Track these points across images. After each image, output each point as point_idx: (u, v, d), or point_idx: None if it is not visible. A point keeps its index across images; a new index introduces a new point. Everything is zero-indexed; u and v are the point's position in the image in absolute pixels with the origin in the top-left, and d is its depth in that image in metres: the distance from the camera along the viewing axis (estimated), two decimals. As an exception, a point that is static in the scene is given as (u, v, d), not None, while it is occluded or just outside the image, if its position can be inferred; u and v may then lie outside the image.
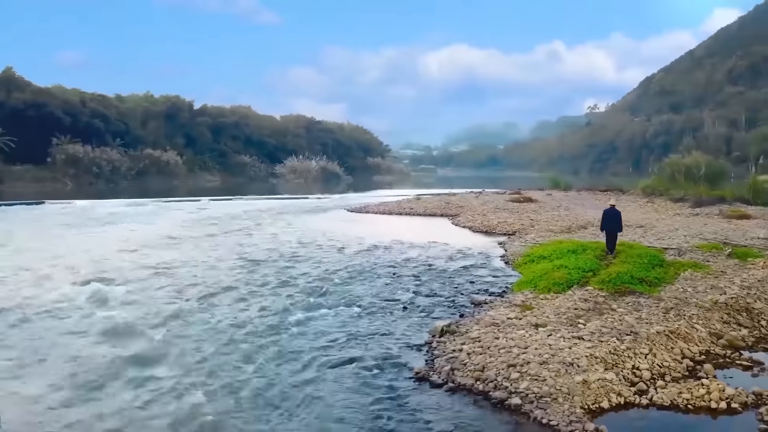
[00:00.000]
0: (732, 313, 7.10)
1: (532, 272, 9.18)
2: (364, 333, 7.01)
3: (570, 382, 4.97)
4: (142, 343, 6.62)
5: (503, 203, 22.30)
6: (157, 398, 5.22)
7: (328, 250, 12.98)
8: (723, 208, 18.12)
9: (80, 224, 18.10)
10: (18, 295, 8.64)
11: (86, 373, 5.75)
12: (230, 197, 31.59)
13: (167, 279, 9.82)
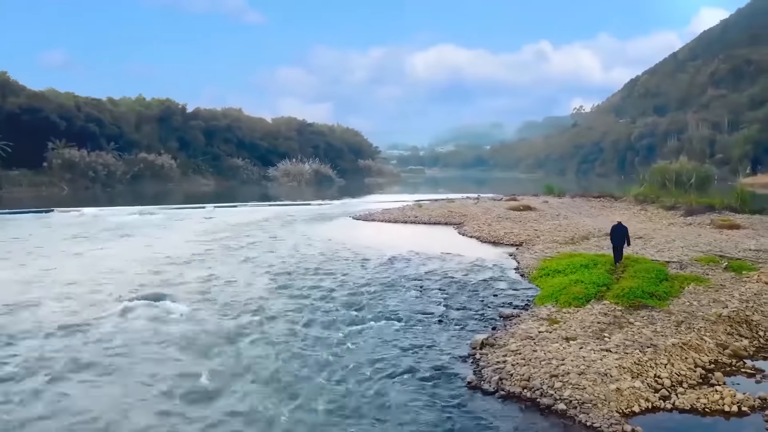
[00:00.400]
0: (734, 325, 8.05)
1: (551, 286, 10.08)
2: (410, 346, 7.87)
3: (606, 390, 5.88)
4: (216, 359, 7.42)
5: (504, 212, 23.19)
6: (244, 409, 6.04)
7: (351, 262, 13.80)
8: (714, 218, 19.17)
9: (99, 237, 18.76)
10: (83, 313, 9.40)
11: (173, 386, 6.56)
12: (233, 204, 32.24)
13: (211, 296, 10.59)
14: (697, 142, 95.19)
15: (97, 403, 6.17)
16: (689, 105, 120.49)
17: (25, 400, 6.21)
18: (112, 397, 6.30)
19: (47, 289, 10.89)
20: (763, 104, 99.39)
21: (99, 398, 6.31)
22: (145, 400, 6.23)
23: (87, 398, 6.32)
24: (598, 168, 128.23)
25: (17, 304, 9.80)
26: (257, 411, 5.97)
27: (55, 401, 6.22)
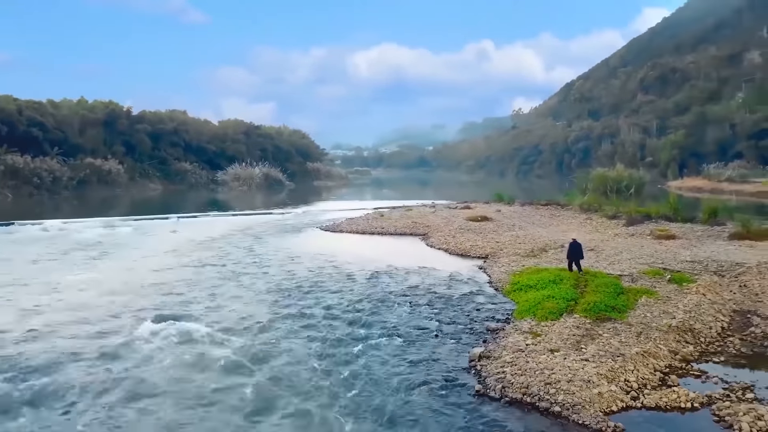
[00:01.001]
0: (681, 333, 9.73)
1: (526, 301, 11.57)
2: (417, 360, 9.14)
3: (590, 394, 7.34)
4: (251, 378, 8.46)
5: (463, 222, 24.77)
6: (293, 423, 7.18)
7: (338, 278, 14.94)
8: (653, 229, 21.34)
9: (76, 258, 18.97)
10: (107, 339, 10.20)
11: (222, 406, 7.61)
12: (195, 214, 32.52)
13: (221, 316, 11.52)
14: (628, 146, 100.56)
15: (154, 426, 7.14)
16: (621, 110, 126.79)
17: (87, 425, 7.11)
18: (169, 421, 7.28)
19: (55, 317, 11.50)
20: (688, 110, 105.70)
21: (155, 422, 7.27)
22: (203, 420, 7.26)
23: (144, 422, 7.27)
24: (537, 170, 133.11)
25: (34, 335, 10.45)
26: (302, 424, 7.10)
27: (115, 427, 7.15)
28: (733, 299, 12.03)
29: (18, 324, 10.83)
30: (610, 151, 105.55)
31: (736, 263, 14.99)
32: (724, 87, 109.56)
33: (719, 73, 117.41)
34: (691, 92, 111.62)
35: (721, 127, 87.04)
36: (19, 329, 10.51)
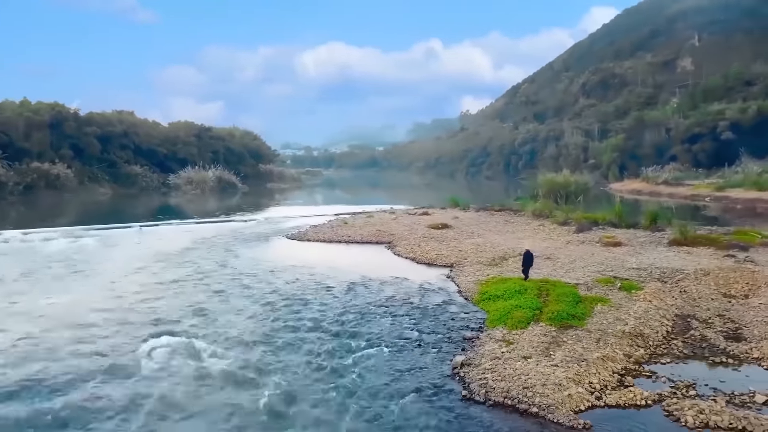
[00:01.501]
0: (633, 338, 11.11)
1: (496, 310, 12.75)
2: (405, 368, 10.15)
3: (562, 396, 8.54)
4: (261, 390, 9.29)
5: (425, 230, 25.95)
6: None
7: (317, 290, 15.79)
8: (601, 236, 23.07)
9: (49, 273, 19.18)
10: (112, 359, 10.79)
11: (242, 420, 8.44)
12: (157, 222, 32.55)
13: (215, 330, 12.25)
14: (572, 148, 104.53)
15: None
16: (565, 112, 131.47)
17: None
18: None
19: (47, 340, 11.96)
20: (627, 114, 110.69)
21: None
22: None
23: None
24: (485, 171, 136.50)
25: (30, 360, 10.93)
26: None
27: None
28: (675, 304, 13.58)
29: (11, 349, 11.21)
30: (555, 154, 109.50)
31: (676, 269, 16.68)
32: (660, 92, 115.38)
33: (655, 78, 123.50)
34: (630, 97, 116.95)
35: (657, 131, 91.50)
36: (13, 355, 10.90)
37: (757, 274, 15.39)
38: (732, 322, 12.50)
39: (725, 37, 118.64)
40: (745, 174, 52.48)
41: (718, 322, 12.50)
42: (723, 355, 10.74)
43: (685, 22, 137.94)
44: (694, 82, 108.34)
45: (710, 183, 55.18)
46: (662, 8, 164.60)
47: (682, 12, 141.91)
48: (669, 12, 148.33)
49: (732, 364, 10.28)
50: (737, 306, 13.54)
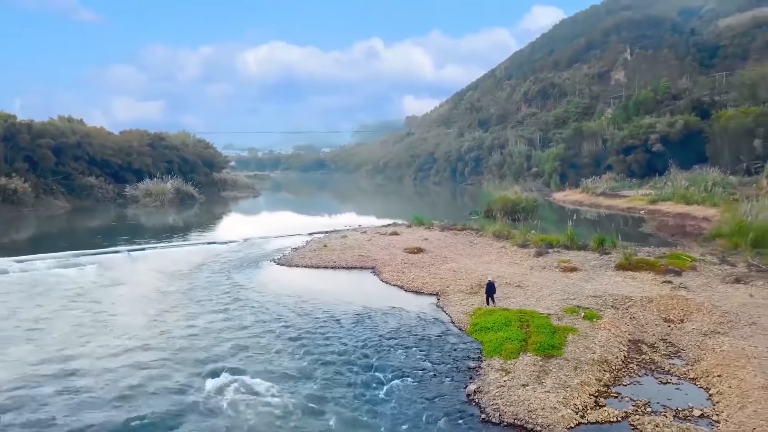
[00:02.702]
0: (600, 365, 14.21)
1: (490, 341, 15.64)
2: (430, 396, 12.85)
3: (557, 416, 11.47)
4: (315, 419, 11.78)
5: (402, 254, 28.68)
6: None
7: (328, 321, 18.28)
8: (559, 260, 26.42)
9: (62, 303, 20.86)
10: (184, 397, 12.99)
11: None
12: (143, 246, 33.80)
13: (256, 367, 14.58)
14: (516, 156, 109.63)
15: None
16: (508, 120, 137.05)
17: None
18: None
19: (109, 380, 14.03)
20: (565, 123, 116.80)
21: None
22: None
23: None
24: (433, 176, 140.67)
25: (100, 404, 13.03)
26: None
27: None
28: (627, 330, 16.87)
29: (69, 393, 13.21)
30: (499, 161, 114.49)
31: (625, 296, 20.04)
32: (597, 103, 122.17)
33: (591, 89, 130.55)
34: (568, 107, 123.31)
35: (594, 142, 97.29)
36: (74, 398, 12.93)
37: (689, 301, 18.93)
38: (672, 346, 15.85)
39: (654, 52, 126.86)
40: (674, 188, 57.78)
41: (662, 346, 15.83)
42: (668, 375, 13.99)
43: (618, 36, 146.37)
44: (627, 94, 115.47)
45: (644, 195, 60.31)
46: (598, 20, 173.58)
47: (615, 25, 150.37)
48: (604, 25, 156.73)
49: (675, 383, 13.51)
50: (675, 330, 16.95)
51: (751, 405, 11.53)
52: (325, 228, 41.54)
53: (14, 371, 13.92)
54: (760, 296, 19.40)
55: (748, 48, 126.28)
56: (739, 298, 19.20)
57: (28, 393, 12.70)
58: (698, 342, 15.81)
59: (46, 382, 13.32)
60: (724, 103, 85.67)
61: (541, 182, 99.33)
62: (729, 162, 72.06)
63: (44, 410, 11.90)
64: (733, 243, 28.98)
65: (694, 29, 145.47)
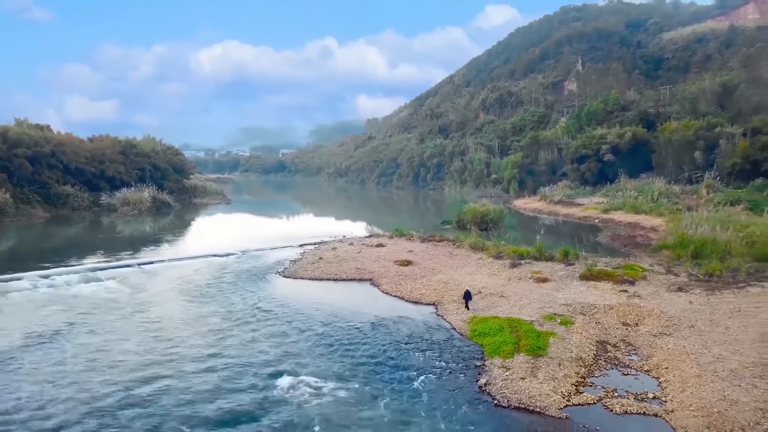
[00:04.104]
0: (577, 361, 18.29)
1: (490, 344, 19.54)
2: (452, 388, 16.60)
3: (550, 400, 15.45)
4: (371, 411, 15.38)
5: (395, 267, 32.40)
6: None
7: (350, 329, 21.80)
8: (532, 272, 30.64)
9: (107, 316, 23.78)
10: (265, 395, 16.38)
11: None
12: (151, 260, 36.41)
13: (310, 369, 18.05)
14: (476, 163, 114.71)
15: (353, 435, 13.94)
16: (467, 126, 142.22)
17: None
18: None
19: (196, 385, 17.32)
20: (523, 131, 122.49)
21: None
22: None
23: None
24: (396, 181, 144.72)
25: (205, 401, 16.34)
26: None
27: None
28: (595, 333, 21.06)
29: (169, 391, 16.47)
30: (460, 168, 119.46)
31: (590, 304, 24.30)
32: (551, 112, 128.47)
33: (546, 99, 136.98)
34: (525, 115, 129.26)
35: (550, 150, 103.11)
36: (182, 395, 16.20)
37: (642, 308, 23.34)
38: (630, 345, 20.11)
39: (604, 65, 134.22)
40: (625, 198, 63.40)
41: (622, 346, 20.06)
42: (628, 368, 18.18)
43: (570, 47, 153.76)
44: (580, 103, 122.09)
45: (597, 204, 65.76)
46: (551, 29, 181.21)
47: (567, 37, 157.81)
48: (557, 35, 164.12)
49: (634, 374, 17.69)
50: (632, 333, 21.25)
51: (689, 389, 15.76)
52: (312, 239, 44.85)
53: (119, 376, 17.01)
54: (698, 303, 23.98)
55: (689, 61, 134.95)
56: (681, 304, 23.72)
57: (140, 391, 15.90)
58: (650, 342, 20.10)
59: (146, 383, 16.49)
60: (668, 115, 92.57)
61: (501, 188, 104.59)
62: (673, 171, 78.64)
63: (158, 404, 15.14)
64: (677, 254, 33.86)
65: (640, 42, 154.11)
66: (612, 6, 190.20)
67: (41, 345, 19.82)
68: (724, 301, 24.03)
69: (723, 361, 17.25)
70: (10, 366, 17.75)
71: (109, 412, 14.72)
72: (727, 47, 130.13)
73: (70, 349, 19.35)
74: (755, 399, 14.73)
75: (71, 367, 17.67)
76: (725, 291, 25.58)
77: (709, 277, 28.49)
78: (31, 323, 22.33)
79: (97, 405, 15.10)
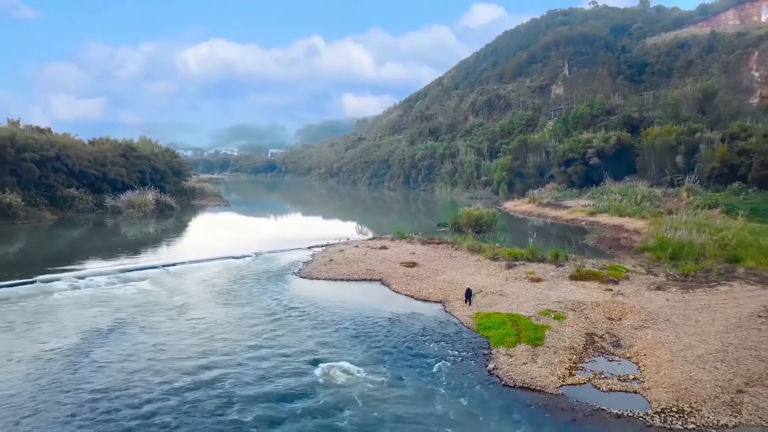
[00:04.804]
0: (570, 350, 21.49)
1: (494, 336, 22.66)
2: (465, 372, 19.68)
3: (548, 381, 18.63)
4: (400, 390, 18.43)
5: (402, 269, 35.46)
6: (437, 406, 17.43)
7: (370, 324, 24.74)
8: (526, 272, 33.85)
9: (157, 316, 26.66)
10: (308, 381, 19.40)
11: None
12: (174, 262, 39.06)
13: (341, 355, 21.05)
14: (467, 166, 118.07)
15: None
16: (457, 129, 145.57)
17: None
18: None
19: (236, 375, 20.30)
20: (511, 134, 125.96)
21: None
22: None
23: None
24: (387, 182, 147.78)
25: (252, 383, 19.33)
26: (443, 409, 17.43)
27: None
28: (584, 327, 24.27)
29: (227, 377, 19.41)
30: (451, 170, 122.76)
31: (580, 302, 27.52)
32: (539, 115, 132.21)
33: (533, 102, 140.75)
34: (513, 118, 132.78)
35: (538, 153, 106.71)
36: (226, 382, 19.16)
37: (625, 305, 26.62)
38: (614, 337, 23.34)
39: (589, 70, 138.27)
40: (610, 201, 67.01)
41: (607, 337, 23.29)
42: (613, 355, 21.40)
43: (557, 51, 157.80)
44: (567, 107, 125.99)
45: (584, 206, 69.31)
46: (538, 32, 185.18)
47: (554, 41, 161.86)
48: (544, 39, 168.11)
49: (617, 361, 20.89)
50: (616, 326, 24.49)
51: (662, 371, 19.00)
52: (317, 241, 47.79)
53: (183, 363, 19.92)
54: (673, 300, 27.30)
55: (671, 66, 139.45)
56: (658, 301, 27.03)
57: (203, 376, 18.82)
58: (631, 333, 23.33)
59: (207, 369, 19.41)
60: (652, 119, 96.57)
61: (491, 190, 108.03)
62: (655, 174, 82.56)
63: (221, 386, 18.07)
64: (657, 256, 37.28)
65: (624, 46, 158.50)
66: (597, 10, 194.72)
67: (104, 341, 22.50)
68: (697, 298, 27.38)
69: (691, 349, 20.53)
70: (85, 358, 20.51)
71: (182, 392, 17.61)
72: (708, 53, 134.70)
73: (130, 344, 22.12)
74: (715, 378, 18.00)
75: (138, 358, 20.49)
76: (698, 289, 28.96)
77: (684, 277, 31.87)
78: (85, 322, 25.02)
79: (171, 387, 17.99)
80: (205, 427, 15.60)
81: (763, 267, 33.07)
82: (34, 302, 28.28)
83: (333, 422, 16.04)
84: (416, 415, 16.47)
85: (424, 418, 16.37)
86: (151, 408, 16.57)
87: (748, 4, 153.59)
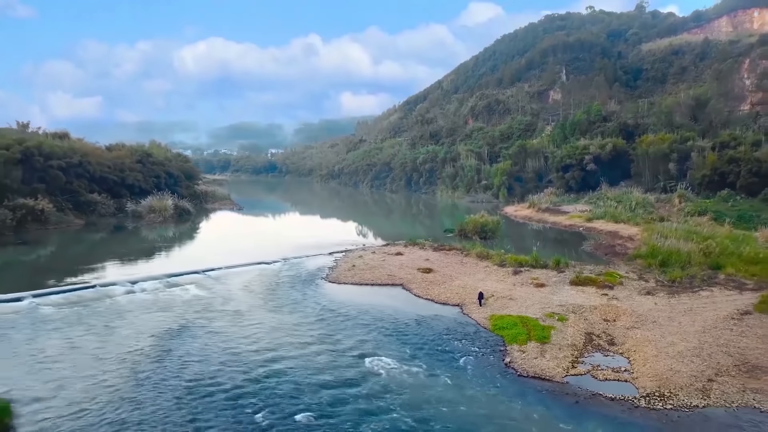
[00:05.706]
0: (572, 347, 25.66)
1: (509, 335, 26.79)
2: (486, 365, 23.82)
3: (555, 371, 22.80)
4: (436, 379, 22.54)
5: (420, 274, 39.57)
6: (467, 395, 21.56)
7: (400, 325, 28.85)
8: (531, 278, 38.00)
9: (215, 316, 30.73)
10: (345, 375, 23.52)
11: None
12: (212, 268, 42.90)
13: (383, 350, 25.14)
14: (467, 170, 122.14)
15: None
16: (457, 133, 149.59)
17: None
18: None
19: (295, 371, 24.44)
20: (510, 139, 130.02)
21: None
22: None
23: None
24: (389, 184, 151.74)
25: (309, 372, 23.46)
26: (473, 395, 21.57)
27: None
28: (584, 327, 28.44)
29: (292, 368, 23.50)
30: (452, 173, 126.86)
31: (579, 305, 31.67)
32: (537, 120, 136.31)
33: (532, 107, 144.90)
34: (512, 123, 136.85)
35: (537, 158, 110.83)
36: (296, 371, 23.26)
37: (618, 308, 30.80)
38: (609, 336, 27.51)
39: (586, 75, 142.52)
40: (606, 208, 71.25)
41: (603, 336, 27.46)
42: (608, 351, 25.57)
43: (555, 57, 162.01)
44: (564, 113, 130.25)
45: (581, 212, 73.51)
46: (536, 37, 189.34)
47: (552, 47, 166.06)
48: (542, 45, 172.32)
49: (612, 356, 25.05)
50: (611, 327, 28.66)
51: (649, 364, 23.18)
52: (336, 247, 51.84)
53: (254, 356, 23.98)
54: (661, 304, 31.51)
55: (666, 73, 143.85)
56: (648, 305, 31.23)
57: (273, 368, 22.91)
58: (624, 333, 27.51)
59: (275, 362, 23.52)
60: (646, 126, 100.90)
61: (491, 194, 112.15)
62: (649, 180, 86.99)
63: (289, 376, 22.18)
64: (648, 263, 41.49)
65: (620, 52, 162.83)
66: (594, 15, 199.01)
67: (179, 342, 26.36)
68: (681, 302, 31.61)
69: (673, 346, 24.73)
70: (168, 356, 24.51)
71: (259, 380, 21.71)
72: (701, 60, 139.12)
73: (202, 344, 26.05)
74: (691, 370, 22.21)
75: (214, 355, 24.49)
76: (683, 294, 33.20)
77: (672, 282, 36.10)
78: (155, 325, 28.90)
79: (250, 376, 22.06)
80: (286, 405, 19.68)
81: (742, 274, 37.32)
82: (103, 306, 32.23)
83: (387, 404, 20.13)
84: (453, 397, 20.60)
85: (459, 399, 20.49)
86: (239, 392, 20.66)
87: (741, 12, 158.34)
